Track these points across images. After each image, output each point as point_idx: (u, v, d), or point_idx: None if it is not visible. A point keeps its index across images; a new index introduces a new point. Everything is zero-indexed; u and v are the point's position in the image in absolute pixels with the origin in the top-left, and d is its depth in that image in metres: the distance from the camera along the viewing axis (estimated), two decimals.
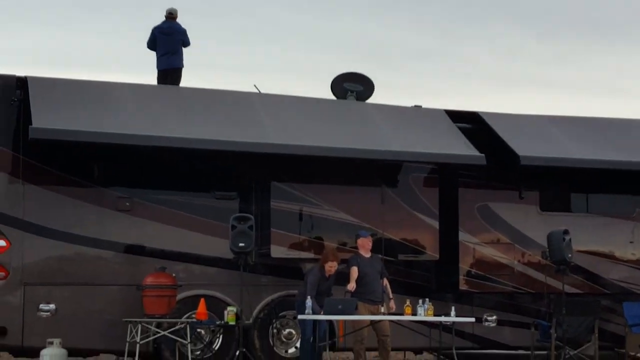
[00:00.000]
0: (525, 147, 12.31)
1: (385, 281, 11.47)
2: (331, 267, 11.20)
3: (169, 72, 12.65)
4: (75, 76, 11.81)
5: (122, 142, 10.93)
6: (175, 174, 11.84)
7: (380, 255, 11.75)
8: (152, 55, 12.91)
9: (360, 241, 11.49)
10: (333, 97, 12.91)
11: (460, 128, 12.46)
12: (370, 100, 12.95)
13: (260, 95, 12.42)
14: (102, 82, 11.78)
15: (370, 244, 11.49)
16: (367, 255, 11.45)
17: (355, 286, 11.19)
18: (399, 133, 12.15)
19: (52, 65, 27.01)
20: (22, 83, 11.30)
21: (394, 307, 11.35)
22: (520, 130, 12.76)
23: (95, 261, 11.50)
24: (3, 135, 11.32)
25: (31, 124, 10.53)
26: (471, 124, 12.69)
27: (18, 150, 11.32)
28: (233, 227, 10.28)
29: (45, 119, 10.70)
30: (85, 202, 11.52)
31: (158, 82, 12.65)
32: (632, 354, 12.81)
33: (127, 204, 11.64)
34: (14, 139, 11.32)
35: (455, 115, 12.68)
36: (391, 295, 11.43)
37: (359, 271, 11.29)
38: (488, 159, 11.97)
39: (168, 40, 12.77)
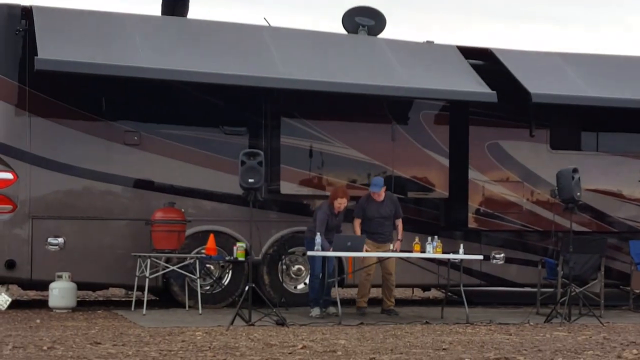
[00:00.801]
0: (537, 85, 12.18)
1: (398, 221, 11.41)
2: (340, 204, 11.14)
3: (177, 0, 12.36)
4: (80, 6, 11.61)
5: (130, 74, 10.79)
6: (184, 109, 11.74)
7: (396, 196, 11.64)
8: None
9: (371, 192, 11.32)
10: (344, 32, 12.71)
11: (472, 65, 12.29)
12: (381, 35, 12.76)
13: (270, 28, 12.21)
14: (109, 13, 11.59)
15: (382, 196, 11.28)
16: (379, 199, 11.33)
17: None
18: (410, 69, 11.98)
19: None
20: (27, 13, 11.11)
21: (398, 248, 11.34)
22: (533, 67, 12.61)
23: (103, 195, 11.49)
24: (9, 67, 11.19)
25: (37, 55, 10.35)
26: (483, 60, 12.53)
27: (24, 81, 11.20)
28: (242, 162, 10.16)
29: (51, 50, 10.53)
30: (93, 136, 11.46)
31: (163, 10, 12.35)
32: (637, 291, 12.87)
33: (136, 138, 11.55)
34: (19, 71, 11.19)
35: (467, 52, 12.51)
36: (400, 236, 11.40)
37: (364, 213, 11.25)
38: (499, 96, 11.83)
39: None
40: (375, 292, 12.32)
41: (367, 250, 11.05)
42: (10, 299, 11.25)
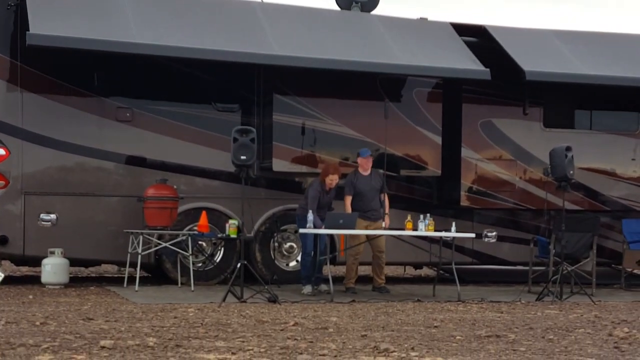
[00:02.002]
0: (531, 62, 12.13)
1: (383, 196, 11.41)
2: (332, 180, 11.12)
3: None
4: None
5: (122, 50, 10.74)
6: (177, 85, 11.70)
7: (381, 171, 11.65)
8: None
9: (360, 160, 11.32)
10: (337, 8, 12.65)
11: (466, 42, 12.24)
12: (375, 12, 12.71)
13: (262, 4, 12.14)
14: None
15: (370, 164, 11.30)
16: (366, 173, 11.34)
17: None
18: (403, 46, 11.93)
19: None
20: None
21: (387, 223, 11.33)
22: (527, 44, 12.56)
23: (95, 172, 11.48)
24: (0, 42, 11.12)
25: (29, 30, 10.29)
26: (477, 37, 12.47)
27: (16, 57, 11.14)
28: (235, 139, 10.13)
29: (43, 25, 10.47)
30: (85, 112, 11.43)
31: None
32: (629, 270, 12.92)
33: (128, 114, 11.52)
34: (11, 46, 11.13)
35: (461, 29, 12.45)
36: (387, 211, 11.38)
37: (355, 189, 11.21)
38: (493, 73, 11.79)
39: None
40: (366, 269, 12.35)
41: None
42: (2, 275, 11.25)
